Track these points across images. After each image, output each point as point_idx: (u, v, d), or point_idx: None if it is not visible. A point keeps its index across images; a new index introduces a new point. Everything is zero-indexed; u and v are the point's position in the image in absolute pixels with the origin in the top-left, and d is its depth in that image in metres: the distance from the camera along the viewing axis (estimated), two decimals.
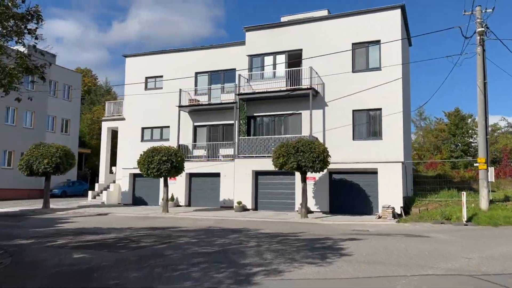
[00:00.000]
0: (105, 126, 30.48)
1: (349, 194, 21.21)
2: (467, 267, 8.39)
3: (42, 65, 9.57)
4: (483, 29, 18.60)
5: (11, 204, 27.82)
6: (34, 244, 11.50)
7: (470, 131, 47.42)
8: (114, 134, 31.18)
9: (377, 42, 21.68)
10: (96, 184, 30.41)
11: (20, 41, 9.26)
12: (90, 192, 29.94)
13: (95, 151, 40.52)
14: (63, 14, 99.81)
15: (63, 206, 25.31)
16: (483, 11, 18.80)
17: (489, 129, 24.98)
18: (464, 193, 17.14)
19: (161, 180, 22.95)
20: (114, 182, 29.02)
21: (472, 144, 47.08)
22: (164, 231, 14.44)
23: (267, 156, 21.39)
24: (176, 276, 7.57)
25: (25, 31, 9.20)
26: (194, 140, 26.48)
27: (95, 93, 57.21)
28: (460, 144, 46.14)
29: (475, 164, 20.11)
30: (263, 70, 24.08)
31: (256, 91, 23.42)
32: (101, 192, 28.94)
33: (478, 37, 18.84)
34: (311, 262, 8.69)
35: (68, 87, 40.14)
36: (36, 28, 9.38)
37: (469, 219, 16.90)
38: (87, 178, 42.23)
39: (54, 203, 26.50)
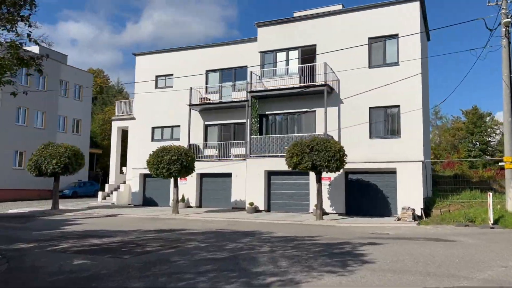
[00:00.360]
0: (115, 125, 30.02)
1: (366, 195, 20.32)
2: (506, 278, 7.50)
3: (39, 57, 8.94)
4: (509, 20, 17.59)
5: (22, 204, 27.59)
6: (35, 248, 10.91)
7: (488, 129, 46.08)
8: (125, 134, 30.72)
9: (395, 36, 20.75)
10: (106, 185, 30.00)
11: (13, 29, 8.65)
12: (100, 193, 29.52)
13: (107, 152, 40.14)
14: (77, 16, 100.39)
15: (72, 207, 24.87)
16: (509, 1, 17.81)
17: None
18: (491, 194, 16.19)
19: (171, 180, 22.34)
20: (124, 182, 28.55)
21: (491, 143, 45.75)
22: (172, 234, 13.77)
23: (280, 156, 20.60)
24: (181, 287, 6.86)
25: (18, 18, 8.59)
26: (205, 139, 25.83)
27: (107, 94, 57.07)
28: (478, 143, 44.81)
29: (500, 164, 19.11)
30: (276, 66, 23.29)
31: (268, 88, 22.67)
32: (111, 193, 28.50)
33: (504, 29, 17.83)
34: (330, 270, 7.89)
35: (79, 87, 39.89)
36: (30, 14, 8.77)
37: (495, 222, 15.95)
38: (99, 179, 41.93)
39: (63, 204, 26.11)
